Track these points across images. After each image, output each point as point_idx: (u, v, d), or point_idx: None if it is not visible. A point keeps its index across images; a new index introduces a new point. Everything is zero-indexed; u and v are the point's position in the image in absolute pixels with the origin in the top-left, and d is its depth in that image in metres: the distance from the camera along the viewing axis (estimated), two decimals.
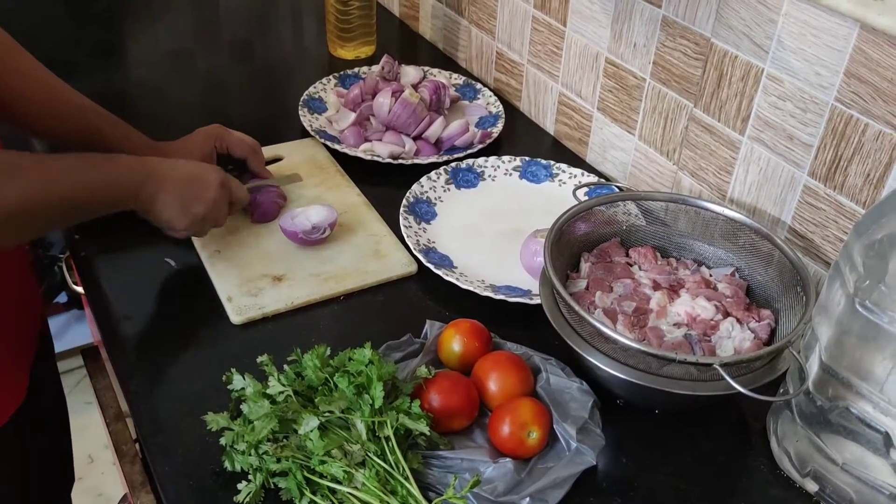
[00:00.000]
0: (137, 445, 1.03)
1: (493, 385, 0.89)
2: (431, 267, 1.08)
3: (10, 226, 0.84)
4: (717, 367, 0.81)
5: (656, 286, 0.99)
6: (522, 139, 1.43)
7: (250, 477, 0.81)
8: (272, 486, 0.81)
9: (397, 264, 1.11)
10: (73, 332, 2.23)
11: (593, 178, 1.27)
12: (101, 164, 0.96)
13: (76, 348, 2.14)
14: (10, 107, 1.06)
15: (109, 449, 2.09)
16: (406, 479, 0.78)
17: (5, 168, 0.83)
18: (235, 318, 1.01)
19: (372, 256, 1.12)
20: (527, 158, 1.30)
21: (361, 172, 1.28)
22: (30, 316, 1.10)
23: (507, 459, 0.83)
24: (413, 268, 1.10)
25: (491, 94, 1.49)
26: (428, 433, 0.82)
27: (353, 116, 1.37)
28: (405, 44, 1.75)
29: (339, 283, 1.07)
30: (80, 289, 1.15)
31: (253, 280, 1.06)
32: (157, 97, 1.50)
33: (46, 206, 0.88)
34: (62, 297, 2.25)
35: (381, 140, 1.33)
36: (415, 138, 1.34)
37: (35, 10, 1.75)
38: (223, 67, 1.63)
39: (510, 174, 1.29)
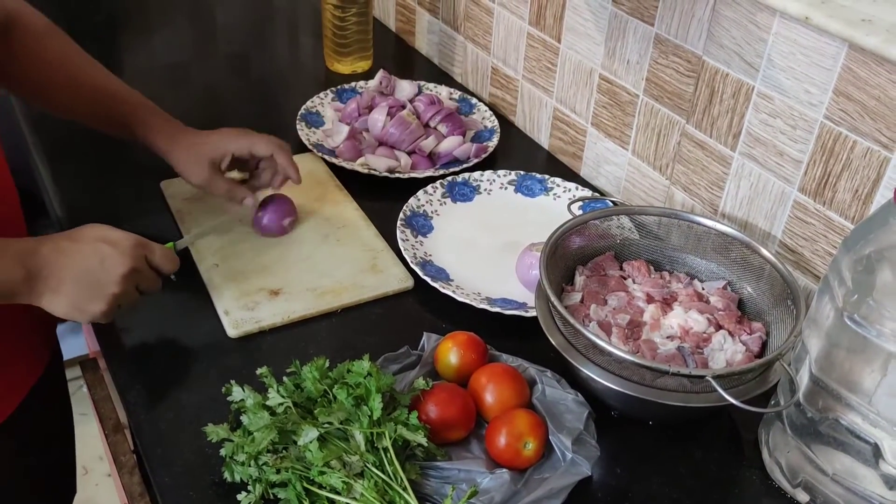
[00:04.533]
0: (136, 456, 1.04)
1: (490, 397, 0.90)
2: (428, 280, 1.09)
3: None
4: (710, 379, 0.82)
5: (650, 299, 1.01)
6: (517, 153, 1.45)
7: (250, 488, 0.82)
8: (272, 497, 0.82)
9: (394, 279, 1.12)
10: (66, 344, 2.23)
11: (587, 193, 1.29)
12: None
13: (71, 360, 2.14)
14: (36, 93, 1.11)
15: (104, 460, 2.10)
16: (404, 489, 0.79)
17: None
18: (232, 331, 1.02)
19: (369, 271, 1.13)
20: (522, 172, 1.32)
21: (359, 186, 1.29)
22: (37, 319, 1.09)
23: (504, 470, 0.84)
24: (409, 283, 1.11)
25: (486, 108, 1.50)
26: (425, 444, 0.83)
27: (347, 130, 1.38)
28: (401, 58, 1.76)
29: (336, 297, 1.08)
30: None
31: (250, 294, 1.07)
32: None
33: None
34: None
35: (373, 154, 1.35)
36: (409, 153, 1.36)
37: None
38: (220, 81, 1.64)
39: (505, 188, 1.31)
